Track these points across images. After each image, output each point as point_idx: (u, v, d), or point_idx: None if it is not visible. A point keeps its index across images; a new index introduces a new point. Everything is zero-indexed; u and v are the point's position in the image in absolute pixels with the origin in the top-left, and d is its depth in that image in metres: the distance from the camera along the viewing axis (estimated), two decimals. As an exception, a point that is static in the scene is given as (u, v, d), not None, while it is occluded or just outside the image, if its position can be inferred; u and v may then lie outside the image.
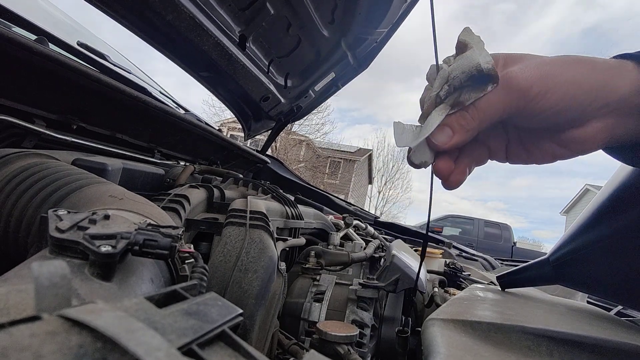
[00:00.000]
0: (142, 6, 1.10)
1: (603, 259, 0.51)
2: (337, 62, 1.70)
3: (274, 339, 0.71)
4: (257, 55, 1.52)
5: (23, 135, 0.66)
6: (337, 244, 1.11)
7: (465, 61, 0.35)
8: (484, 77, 0.35)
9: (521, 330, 0.46)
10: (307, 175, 16.60)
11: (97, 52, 1.14)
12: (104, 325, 0.16)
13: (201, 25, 1.22)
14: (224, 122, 16.07)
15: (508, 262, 2.11)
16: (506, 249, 9.02)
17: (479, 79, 0.35)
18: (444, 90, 0.37)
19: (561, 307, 0.60)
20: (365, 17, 1.47)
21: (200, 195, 0.70)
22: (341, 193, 17.66)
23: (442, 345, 0.44)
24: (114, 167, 0.68)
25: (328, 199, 2.00)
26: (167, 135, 1.12)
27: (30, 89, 0.70)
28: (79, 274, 0.26)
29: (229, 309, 0.22)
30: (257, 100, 1.72)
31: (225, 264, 0.59)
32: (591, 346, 0.44)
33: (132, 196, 0.45)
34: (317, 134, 18.79)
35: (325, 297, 0.90)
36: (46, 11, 1.25)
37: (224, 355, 0.19)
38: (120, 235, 0.29)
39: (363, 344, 0.81)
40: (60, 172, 0.47)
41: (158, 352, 0.15)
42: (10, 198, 0.43)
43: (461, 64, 0.36)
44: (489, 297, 0.66)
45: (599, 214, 0.51)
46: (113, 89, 0.80)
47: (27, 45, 0.62)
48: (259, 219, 0.64)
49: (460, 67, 0.36)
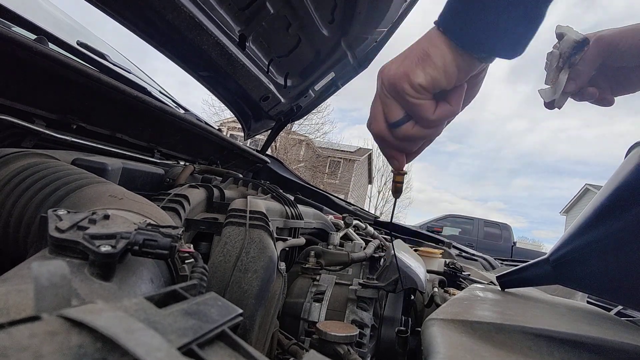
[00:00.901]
0: (141, 5, 1.10)
1: (603, 259, 0.51)
2: (337, 61, 1.70)
3: (274, 339, 0.72)
4: (256, 55, 1.52)
5: (23, 135, 0.66)
6: (337, 244, 1.11)
7: (566, 40, 0.58)
8: (580, 43, 0.58)
9: (521, 330, 0.46)
10: (307, 175, 16.61)
11: (97, 52, 1.14)
12: (103, 326, 0.16)
13: (201, 25, 1.22)
14: (224, 121, 16.07)
15: (508, 262, 2.11)
16: (506, 249, 9.02)
17: (578, 46, 0.58)
18: (561, 62, 0.60)
19: (561, 307, 0.60)
20: (365, 17, 1.47)
21: (200, 195, 0.70)
22: (341, 193, 17.66)
23: (442, 345, 0.44)
24: (113, 167, 0.68)
25: (328, 198, 2.00)
26: (167, 135, 1.12)
27: (30, 88, 0.70)
28: (79, 274, 0.26)
29: (229, 309, 0.22)
30: (256, 100, 1.72)
31: (225, 263, 0.59)
32: (591, 346, 0.44)
33: (132, 196, 0.45)
34: (317, 134, 18.80)
35: (325, 297, 0.90)
36: (46, 11, 1.25)
37: (223, 355, 0.19)
38: (120, 235, 0.29)
39: (363, 344, 0.81)
40: (60, 172, 0.47)
41: (158, 352, 0.15)
42: (10, 198, 0.43)
43: (565, 43, 0.59)
44: (489, 297, 0.66)
45: (599, 214, 0.51)
46: (113, 88, 0.80)
47: (27, 45, 0.62)
48: (259, 219, 0.64)
49: (565, 45, 0.58)
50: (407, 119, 0.46)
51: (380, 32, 1.58)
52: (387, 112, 0.47)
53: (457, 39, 0.41)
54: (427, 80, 0.42)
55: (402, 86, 0.43)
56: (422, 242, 1.93)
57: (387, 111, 0.47)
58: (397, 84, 0.44)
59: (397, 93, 0.44)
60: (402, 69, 0.43)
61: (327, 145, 20.53)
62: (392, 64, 0.45)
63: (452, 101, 0.46)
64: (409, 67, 0.43)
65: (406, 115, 0.46)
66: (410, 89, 0.43)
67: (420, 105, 0.44)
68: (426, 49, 0.42)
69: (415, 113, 0.45)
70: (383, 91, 0.46)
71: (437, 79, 0.43)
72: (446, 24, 0.42)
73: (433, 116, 0.45)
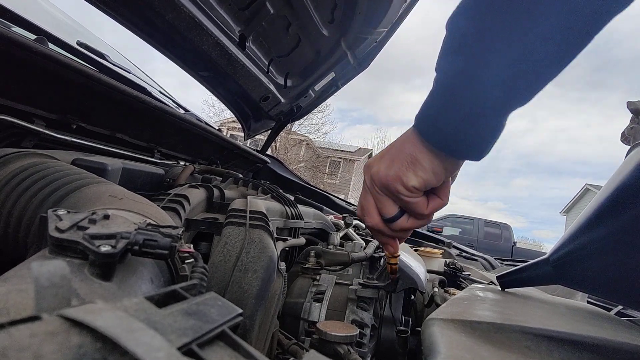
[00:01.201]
0: (142, 6, 1.10)
1: (603, 259, 0.51)
2: (337, 61, 1.69)
3: (274, 339, 0.71)
4: (256, 55, 1.52)
5: (23, 135, 0.66)
6: (337, 244, 1.11)
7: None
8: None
9: (521, 330, 0.46)
10: (307, 175, 16.60)
11: (97, 52, 1.14)
12: (103, 325, 0.16)
13: (201, 25, 1.22)
14: (224, 121, 16.06)
15: (508, 262, 2.11)
16: (506, 248, 9.02)
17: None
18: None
19: (561, 307, 0.60)
20: (365, 17, 1.47)
21: (200, 195, 0.70)
22: (341, 193, 17.65)
23: (442, 345, 0.44)
24: (113, 167, 0.68)
25: (328, 198, 2.00)
26: (167, 135, 1.12)
27: (30, 88, 0.70)
28: (79, 274, 0.26)
29: (229, 309, 0.22)
30: (257, 100, 1.71)
31: (225, 263, 0.59)
32: (591, 346, 0.44)
33: (132, 196, 0.45)
34: (317, 134, 18.80)
35: (325, 297, 0.90)
36: (46, 11, 1.25)
37: (223, 355, 0.19)
38: (120, 235, 0.29)
39: (363, 344, 0.81)
40: (59, 172, 0.47)
41: (158, 352, 0.15)
42: (10, 198, 0.43)
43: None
44: (489, 297, 0.66)
45: (599, 214, 0.51)
46: (113, 88, 0.80)
47: (26, 45, 0.62)
48: (259, 219, 0.64)
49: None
50: (401, 214, 0.51)
51: (380, 32, 1.58)
52: (381, 208, 0.51)
53: (436, 146, 0.45)
54: (419, 182, 0.47)
55: (396, 187, 0.47)
56: (422, 242, 1.93)
57: (380, 207, 0.51)
58: (391, 186, 0.48)
59: (391, 193, 0.49)
60: (393, 172, 0.47)
61: (327, 145, 20.53)
62: (380, 164, 0.49)
63: (441, 195, 0.51)
64: (401, 171, 0.47)
65: (400, 211, 0.51)
66: (404, 190, 0.47)
67: (415, 203, 0.49)
68: (413, 154, 0.47)
69: (410, 210, 0.50)
70: (375, 189, 0.50)
71: (428, 180, 0.47)
72: (425, 132, 0.46)
73: (427, 211, 0.50)
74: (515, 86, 0.41)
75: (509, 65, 0.39)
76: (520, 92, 0.41)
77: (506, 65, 0.39)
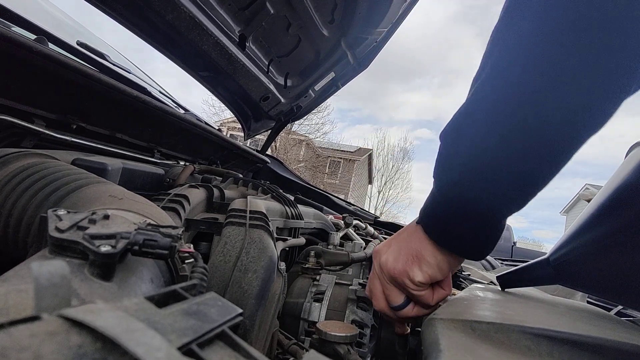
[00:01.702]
0: (142, 6, 1.10)
1: (603, 259, 0.51)
2: (337, 61, 1.70)
3: (274, 339, 0.71)
4: (257, 55, 1.52)
5: (23, 135, 0.66)
6: (337, 244, 1.11)
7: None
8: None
9: (521, 330, 0.46)
10: (307, 175, 16.60)
11: (97, 52, 1.14)
12: (103, 325, 0.16)
13: (201, 25, 1.22)
14: (224, 121, 16.07)
15: (508, 262, 2.11)
16: (506, 249, 9.00)
17: None
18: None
19: (561, 307, 0.60)
20: (365, 17, 1.47)
21: (200, 195, 0.70)
22: (341, 193, 17.66)
23: (442, 345, 0.44)
24: (113, 167, 0.68)
25: (328, 199, 2.00)
26: (167, 135, 1.12)
27: (30, 88, 0.70)
28: (79, 274, 0.26)
29: (229, 309, 0.22)
30: (257, 100, 1.72)
31: (225, 264, 0.59)
32: (591, 346, 0.43)
33: (132, 196, 0.45)
34: (317, 134, 18.80)
35: (325, 297, 0.90)
36: (46, 11, 1.25)
37: (223, 355, 0.19)
38: (120, 235, 0.29)
39: (363, 344, 0.81)
40: (59, 172, 0.47)
41: (158, 352, 0.15)
42: (10, 198, 0.43)
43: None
44: (489, 297, 0.66)
45: (599, 214, 0.51)
46: (113, 88, 0.80)
47: (26, 45, 0.62)
48: (259, 219, 0.64)
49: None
50: (407, 302, 0.54)
51: (380, 32, 1.58)
52: (389, 296, 0.54)
53: (439, 244, 0.48)
54: (425, 277, 0.49)
55: (403, 281, 0.50)
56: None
57: (388, 294, 0.54)
58: (398, 279, 0.51)
59: (399, 284, 0.52)
60: (400, 266, 0.50)
61: (327, 145, 20.54)
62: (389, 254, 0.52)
63: (445, 286, 0.54)
64: (407, 266, 0.50)
65: (407, 300, 0.53)
66: (410, 283, 0.50)
67: (421, 296, 0.51)
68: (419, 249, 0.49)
69: (416, 300, 0.53)
70: (383, 277, 0.53)
71: (433, 275, 0.49)
72: (429, 230, 0.49)
73: (432, 302, 0.53)
74: (509, 195, 0.42)
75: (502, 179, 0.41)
76: (515, 201, 0.43)
77: (499, 180, 0.41)
